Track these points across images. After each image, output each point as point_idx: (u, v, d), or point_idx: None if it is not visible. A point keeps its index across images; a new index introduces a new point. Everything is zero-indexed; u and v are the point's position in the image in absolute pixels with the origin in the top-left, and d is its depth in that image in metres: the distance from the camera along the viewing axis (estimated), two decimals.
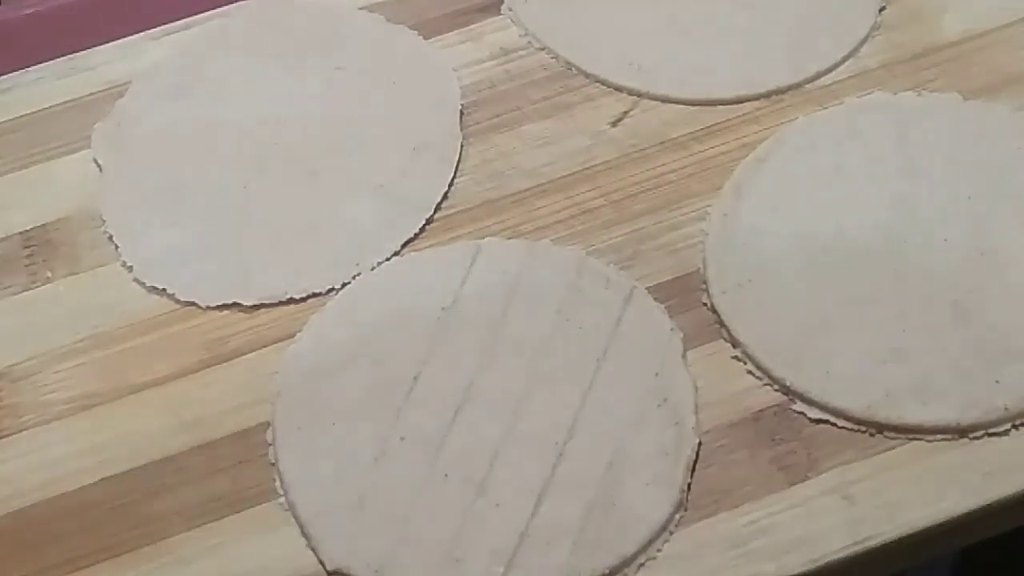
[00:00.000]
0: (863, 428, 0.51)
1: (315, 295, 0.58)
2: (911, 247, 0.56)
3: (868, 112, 0.61)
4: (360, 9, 0.69)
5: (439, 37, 0.67)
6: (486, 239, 0.59)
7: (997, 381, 0.51)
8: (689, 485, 0.50)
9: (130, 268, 0.60)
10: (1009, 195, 0.57)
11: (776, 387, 0.53)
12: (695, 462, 0.51)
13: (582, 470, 0.50)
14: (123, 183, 0.63)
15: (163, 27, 0.69)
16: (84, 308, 0.59)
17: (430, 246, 0.59)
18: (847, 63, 0.64)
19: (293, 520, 0.51)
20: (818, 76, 0.63)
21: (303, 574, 0.50)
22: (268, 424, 0.54)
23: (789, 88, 0.63)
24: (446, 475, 0.51)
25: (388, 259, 0.58)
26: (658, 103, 0.63)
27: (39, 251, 0.61)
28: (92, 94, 0.67)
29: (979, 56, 0.63)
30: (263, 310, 0.58)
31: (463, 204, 0.61)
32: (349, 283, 0.58)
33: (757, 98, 0.63)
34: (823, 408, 0.52)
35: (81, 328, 0.58)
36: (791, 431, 0.52)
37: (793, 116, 0.62)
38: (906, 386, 0.52)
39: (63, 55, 0.69)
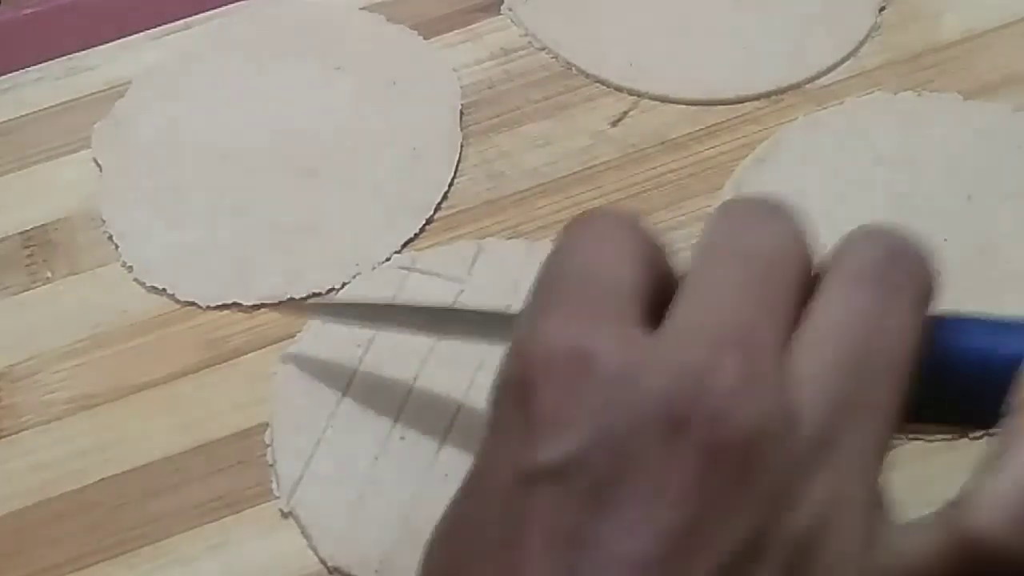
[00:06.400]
0: None
1: (315, 295, 0.58)
2: None
3: (868, 112, 0.61)
4: (360, 9, 0.69)
5: (439, 37, 0.67)
6: (486, 239, 0.59)
7: None
8: None
9: (130, 268, 0.60)
10: (1009, 195, 0.57)
11: None
12: None
13: None
14: (123, 183, 0.63)
15: (163, 27, 0.69)
16: (84, 308, 0.59)
17: (430, 246, 0.59)
18: (847, 63, 0.64)
19: (293, 520, 0.51)
20: (818, 76, 0.63)
21: (303, 574, 0.50)
22: (268, 424, 0.54)
23: (789, 88, 0.63)
24: (446, 475, 0.51)
25: (388, 259, 0.58)
26: (658, 103, 0.63)
27: (39, 251, 0.61)
28: (92, 94, 0.67)
29: (979, 56, 0.63)
30: (263, 310, 0.58)
31: (463, 204, 0.61)
32: (349, 283, 0.58)
33: (757, 98, 0.63)
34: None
35: (81, 328, 0.58)
36: None
37: (793, 116, 0.62)
38: None
39: (63, 55, 0.69)
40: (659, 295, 0.33)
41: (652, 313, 0.33)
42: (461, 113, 0.63)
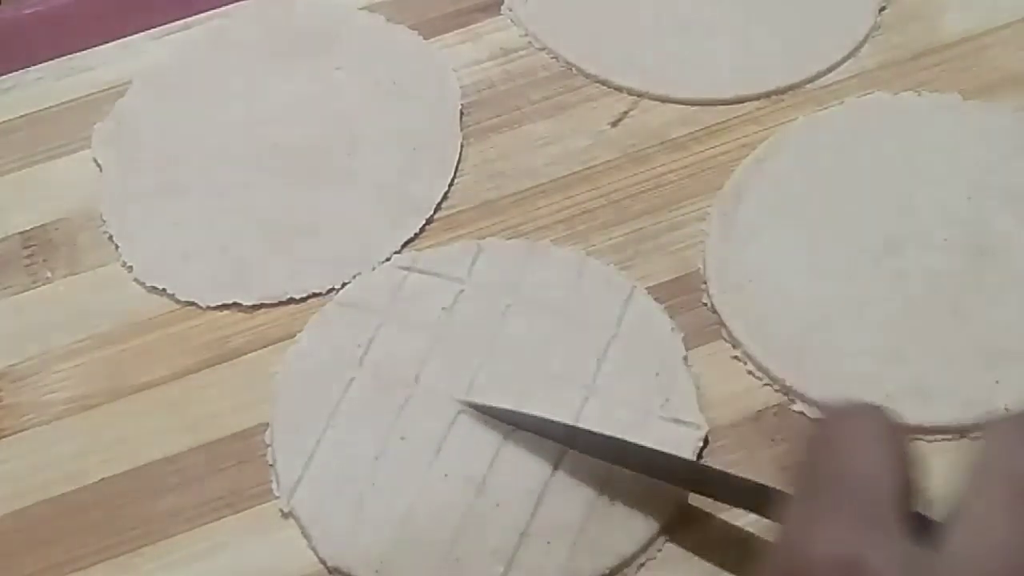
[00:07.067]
0: None
1: (315, 295, 0.58)
2: (911, 247, 0.56)
3: (868, 112, 0.61)
4: (360, 9, 0.69)
5: (439, 37, 0.67)
6: (486, 239, 0.59)
7: (997, 381, 0.51)
8: None
9: (130, 268, 0.60)
10: (1009, 195, 0.57)
11: (776, 387, 0.53)
12: None
13: (582, 470, 0.50)
14: (123, 183, 0.63)
15: (163, 27, 0.69)
16: (84, 308, 0.59)
17: (430, 246, 0.59)
18: (847, 63, 0.64)
19: (293, 520, 0.51)
20: (818, 76, 0.63)
21: (303, 574, 0.50)
22: (268, 424, 0.54)
23: (789, 88, 0.63)
24: (446, 475, 0.51)
25: (388, 259, 0.59)
26: (658, 103, 0.63)
27: (39, 251, 0.61)
28: (92, 94, 0.67)
29: (979, 56, 0.63)
30: (263, 310, 0.58)
31: (463, 204, 0.61)
32: (349, 283, 0.58)
33: (757, 98, 0.63)
34: (823, 408, 0.52)
35: (81, 328, 0.58)
36: (791, 431, 0.52)
37: (793, 116, 0.62)
38: (906, 386, 0.51)
39: (63, 55, 0.69)
40: (909, 498, 0.34)
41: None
42: (461, 113, 0.63)
